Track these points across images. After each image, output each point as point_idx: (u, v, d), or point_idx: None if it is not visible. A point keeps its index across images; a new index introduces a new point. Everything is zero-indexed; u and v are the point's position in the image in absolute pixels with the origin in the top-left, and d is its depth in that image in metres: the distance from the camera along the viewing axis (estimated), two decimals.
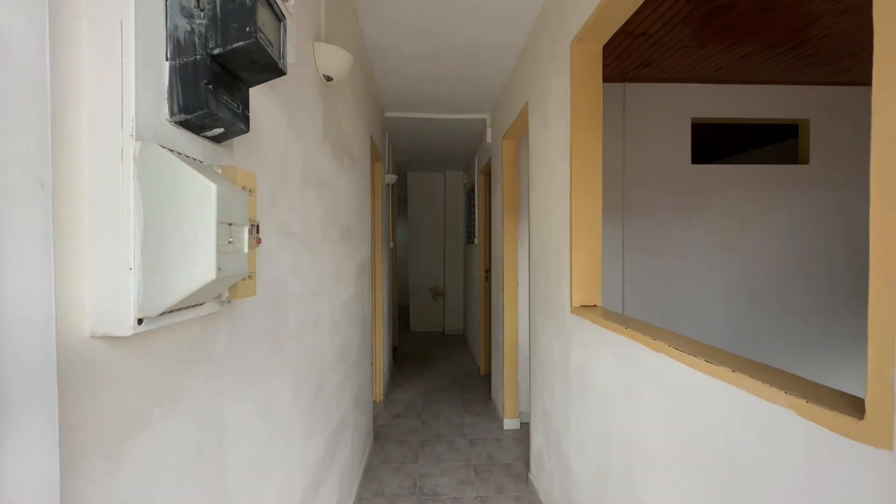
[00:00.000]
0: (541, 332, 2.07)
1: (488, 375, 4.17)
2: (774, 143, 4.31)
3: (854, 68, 2.86)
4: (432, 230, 6.48)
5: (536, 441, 2.19)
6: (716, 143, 4.42)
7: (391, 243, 4.45)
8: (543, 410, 2.05)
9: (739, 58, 2.75)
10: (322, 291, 1.52)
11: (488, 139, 3.47)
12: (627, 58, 2.73)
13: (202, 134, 0.61)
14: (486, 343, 4.22)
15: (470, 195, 5.43)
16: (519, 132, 2.76)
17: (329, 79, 1.51)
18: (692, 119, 3.17)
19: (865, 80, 3.09)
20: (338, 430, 1.79)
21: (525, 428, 3.02)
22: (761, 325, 3.18)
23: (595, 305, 1.60)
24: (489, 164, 3.64)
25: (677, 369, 0.95)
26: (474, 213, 4.73)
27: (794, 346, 3.19)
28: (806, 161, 3.20)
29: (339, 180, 1.81)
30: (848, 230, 3.21)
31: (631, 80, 3.11)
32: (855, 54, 2.68)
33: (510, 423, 3.01)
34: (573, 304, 1.60)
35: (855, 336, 3.22)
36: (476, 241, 4.50)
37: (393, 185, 4.84)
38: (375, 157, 3.28)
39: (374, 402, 3.52)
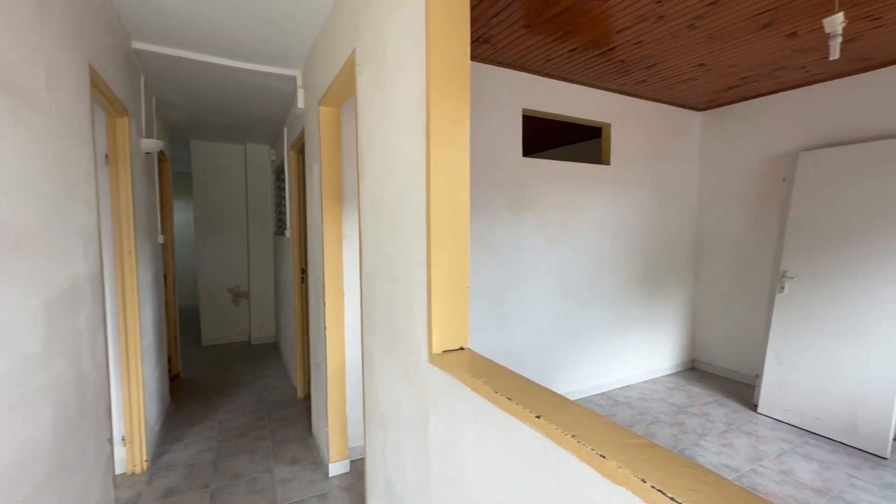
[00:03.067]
0: (380, 372, 1.52)
1: (308, 399, 3.43)
2: (578, 142, 4.76)
3: (647, 81, 3.19)
4: (231, 217, 5.15)
5: None
6: (530, 137, 4.61)
7: (160, 237, 3.17)
8: (385, 477, 1.52)
9: (567, 51, 2.71)
10: None
11: (300, 104, 2.66)
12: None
13: None
14: (304, 358, 3.45)
15: (280, 175, 4.42)
16: (342, 96, 2.08)
17: None
18: (523, 110, 3.07)
19: (653, 96, 3.53)
20: None
21: (356, 468, 2.46)
22: (579, 313, 3.38)
23: (462, 348, 1.13)
24: (302, 136, 2.84)
25: None
26: (286, 197, 3.81)
27: (601, 332, 3.52)
28: (608, 162, 3.50)
29: None
30: (640, 226, 3.69)
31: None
32: (651, 67, 2.94)
33: (337, 468, 2.40)
34: (433, 349, 1.10)
35: (641, 317, 3.75)
36: (288, 233, 3.62)
37: (163, 154, 3.47)
38: (116, 108, 2.11)
39: (133, 473, 2.40)
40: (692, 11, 2.17)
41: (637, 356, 3.75)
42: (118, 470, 2.40)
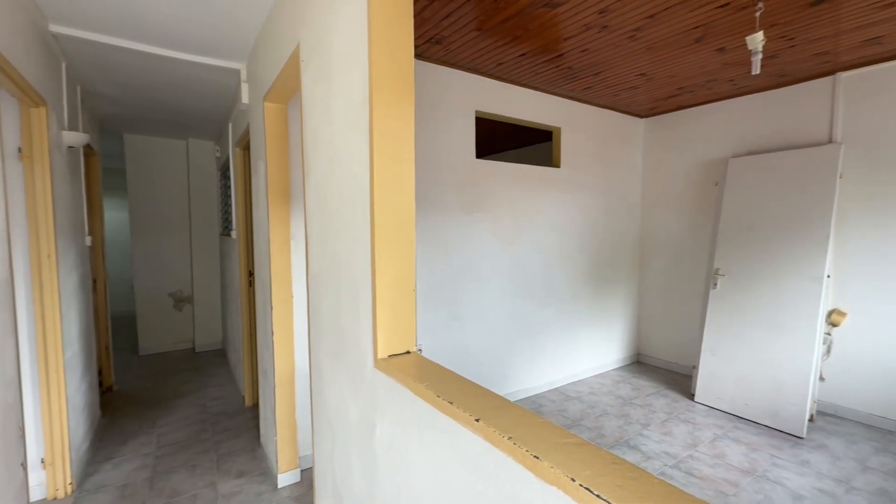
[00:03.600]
0: (327, 377, 1.47)
1: (257, 407, 3.28)
2: (532, 144, 4.88)
3: (593, 87, 3.32)
4: (172, 216, 4.83)
5: None
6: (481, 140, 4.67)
7: (87, 238, 2.91)
8: (333, 484, 1.48)
9: (518, 56, 2.76)
10: None
11: (244, 99, 2.54)
12: (420, 27, 2.35)
13: None
14: (252, 365, 3.30)
15: (225, 173, 4.21)
16: (288, 92, 2.01)
17: None
18: (476, 112, 3.10)
19: (600, 102, 3.68)
20: None
21: (307, 476, 2.38)
22: (532, 312, 3.47)
23: (408, 352, 1.11)
24: (247, 133, 2.71)
25: None
26: (231, 196, 3.62)
27: (553, 329, 3.62)
28: (558, 165, 3.61)
29: None
30: (589, 226, 3.83)
31: (419, 56, 2.78)
32: (597, 74, 3.06)
33: (287, 478, 2.31)
34: (378, 354, 1.08)
35: (591, 314, 3.90)
36: (234, 234, 3.45)
37: (90, 149, 3.20)
38: (31, 97, 1.91)
39: (55, 498, 2.19)
40: (632, 23, 2.28)
41: (587, 352, 3.90)
42: (37, 495, 2.18)
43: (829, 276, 2.88)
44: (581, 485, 0.54)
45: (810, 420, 2.93)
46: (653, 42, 2.51)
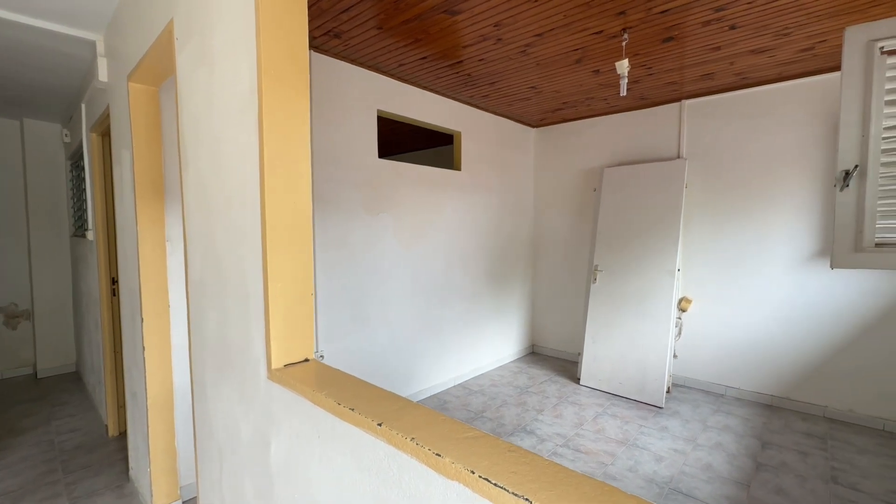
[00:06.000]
0: (213, 395, 1.33)
1: (125, 436, 2.83)
2: (436, 146, 4.97)
3: (490, 96, 3.50)
4: (1, 214, 3.92)
5: None
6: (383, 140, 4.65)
7: None
8: None
9: (419, 59, 2.80)
10: None
11: (102, 77, 2.16)
12: (317, 17, 2.24)
13: None
14: (118, 387, 2.83)
15: (78, 162, 3.54)
16: (160, 73, 1.76)
17: None
18: (378, 111, 3.06)
19: (496, 110, 3.90)
20: None
21: None
22: (435, 311, 3.53)
23: (307, 360, 1.05)
24: (107, 116, 2.32)
25: None
26: (86, 190, 3.05)
27: (457, 327, 3.74)
28: (459, 168, 3.75)
29: None
30: (488, 227, 4.03)
31: (317, 49, 2.65)
32: (493, 84, 3.24)
33: None
34: (272, 364, 1.00)
35: (491, 310, 4.11)
36: (90, 234, 2.92)
37: None
38: None
39: None
40: (523, 39, 2.46)
41: (488, 346, 4.11)
42: None
43: (679, 269, 3.44)
44: (480, 476, 0.57)
45: (668, 392, 3.47)
46: (541, 59, 2.74)
